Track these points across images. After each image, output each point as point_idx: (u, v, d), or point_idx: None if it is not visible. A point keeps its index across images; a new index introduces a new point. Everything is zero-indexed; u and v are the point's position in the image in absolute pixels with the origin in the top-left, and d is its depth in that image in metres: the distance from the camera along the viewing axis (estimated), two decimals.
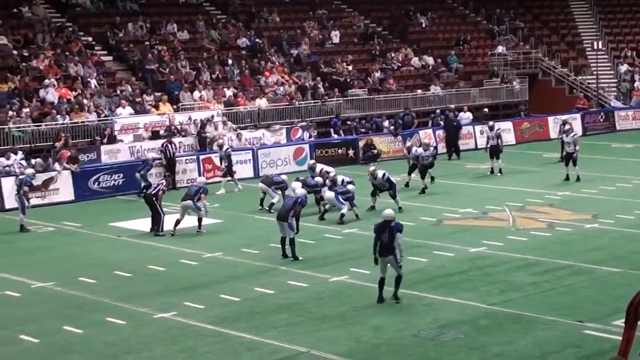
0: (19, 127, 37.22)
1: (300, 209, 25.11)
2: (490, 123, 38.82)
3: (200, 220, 28.23)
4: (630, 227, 27.48)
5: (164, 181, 30.69)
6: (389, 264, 20.15)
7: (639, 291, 13.77)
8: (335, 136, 43.66)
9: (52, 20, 46.20)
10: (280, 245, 24.64)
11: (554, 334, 18.12)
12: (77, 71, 42.16)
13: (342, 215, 28.98)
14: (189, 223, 28.28)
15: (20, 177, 30.18)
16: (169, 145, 36.94)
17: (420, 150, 34.30)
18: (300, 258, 24.30)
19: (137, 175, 34.98)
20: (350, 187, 29.96)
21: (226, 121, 41.65)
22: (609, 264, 23.25)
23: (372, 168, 31.39)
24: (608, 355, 12.70)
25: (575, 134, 36.98)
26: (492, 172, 37.23)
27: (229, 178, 35.71)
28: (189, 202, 28.10)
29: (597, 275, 22.48)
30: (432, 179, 33.85)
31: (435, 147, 38.95)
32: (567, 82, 55.30)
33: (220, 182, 35.69)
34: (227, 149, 36.48)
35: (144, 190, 32.25)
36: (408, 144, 38.15)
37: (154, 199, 28.51)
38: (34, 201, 32.17)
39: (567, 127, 38.37)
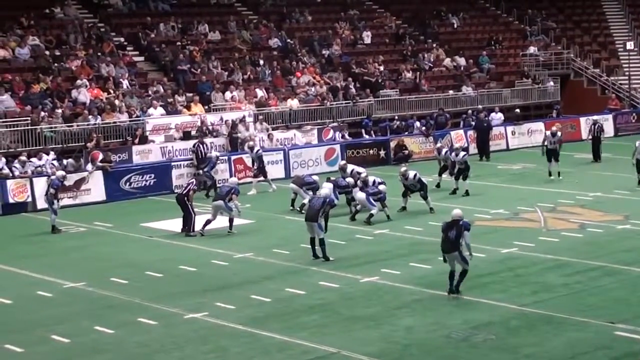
0: (51, 128, 37.39)
1: (329, 209, 25.13)
2: (554, 129, 37.66)
3: (231, 220, 28.28)
4: None
5: (194, 180, 30.75)
6: (455, 260, 20.54)
7: None
8: (367, 137, 43.64)
9: (84, 20, 46.39)
10: (310, 246, 24.67)
11: (585, 335, 18.06)
12: (109, 72, 42.33)
13: (371, 215, 28.95)
14: (220, 224, 28.33)
15: (52, 177, 30.35)
16: (201, 146, 37.04)
17: (452, 154, 34.17)
18: (331, 259, 24.30)
19: (200, 172, 35.21)
20: (381, 187, 29.94)
21: (262, 121, 41.77)
22: None
23: (403, 169, 31.35)
24: None
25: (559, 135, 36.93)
26: (550, 174, 36.41)
27: (261, 178, 35.76)
28: (221, 202, 28.16)
29: (628, 276, 22.37)
30: (467, 192, 33.33)
31: (467, 149, 38.86)
32: (599, 83, 55.06)
33: (251, 182, 35.75)
34: (258, 150, 36.52)
35: (209, 187, 33.65)
36: (438, 145, 38.12)
37: (185, 199, 28.58)
38: (65, 201, 32.41)
39: (554, 129, 37.71)
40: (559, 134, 36.67)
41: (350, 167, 32.31)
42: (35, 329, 19.52)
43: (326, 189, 26.91)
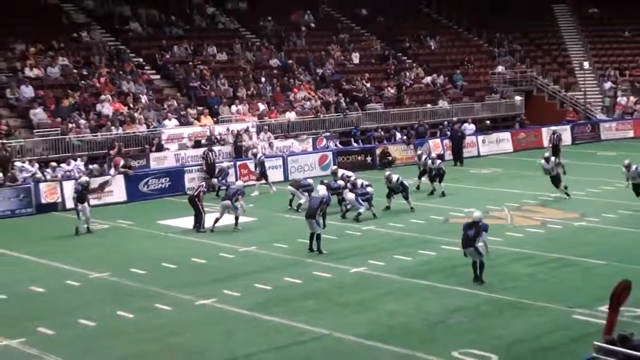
0: (78, 137, 37.36)
1: (326, 208, 25.13)
2: (546, 154, 33.41)
3: (237, 218, 28.24)
4: (613, 225, 27.35)
5: (204, 183, 30.69)
6: (471, 254, 20.75)
7: (621, 281, 13.79)
8: (355, 145, 43.61)
9: (107, 43, 46.34)
10: (308, 241, 24.65)
11: (547, 319, 18.07)
12: (129, 88, 42.27)
13: (359, 214, 28.93)
14: (227, 221, 28.30)
15: (79, 181, 30.25)
16: (210, 153, 37.00)
17: (429, 162, 34.13)
18: (324, 252, 24.29)
19: (215, 180, 34.94)
20: (369, 189, 29.90)
21: (266, 130, 41.75)
22: (595, 257, 23.14)
23: (387, 173, 31.35)
24: (595, 336, 12.64)
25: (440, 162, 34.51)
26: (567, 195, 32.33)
27: (263, 181, 35.71)
28: (228, 202, 28.13)
29: (584, 267, 22.39)
30: (443, 193, 33.28)
31: (442, 157, 38.83)
32: (558, 98, 55.05)
33: (254, 185, 35.70)
34: (261, 156, 36.48)
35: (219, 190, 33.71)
36: (419, 152, 38.10)
37: (196, 199, 28.55)
38: (91, 202, 32.29)
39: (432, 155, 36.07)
40: (553, 159, 32.81)
41: (340, 172, 32.26)
42: (64, 314, 19.51)
43: (323, 189, 26.89)
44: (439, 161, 34.34)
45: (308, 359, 16.44)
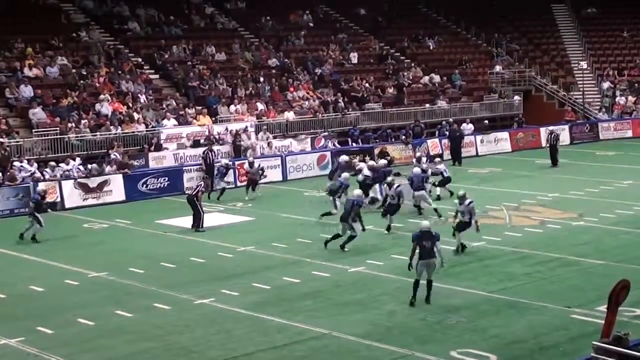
0: (78, 137, 37.34)
1: (358, 209, 24.86)
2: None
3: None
4: (612, 225, 27.36)
5: (202, 183, 30.68)
6: (426, 268, 19.42)
7: (620, 281, 13.80)
8: (354, 144, 43.61)
9: (106, 43, 46.32)
10: (329, 237, 24.72)
11: (545, 318, 18.10)
12: (128, 88, 42.27)
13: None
14: (226, 220, 28.30)
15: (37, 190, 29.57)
16: (209, 153, 36.97)
17: (430, 165, 33.58)
18: (346, 250, 24.29)
19: (216, 179, 34.77)
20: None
21: (265, 130, 41.76)
22: (593, 256, 23.19)
23: (390, 179, 30.54)
24: (594, 336, 12.66)
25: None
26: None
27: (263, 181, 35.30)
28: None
29: (582, 266, 22.42)
30: (451, 193, 32.80)
31: (441, 156, 38.74)
32: (556, 98, 55.07)
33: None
34: (258, 165, 35.37)
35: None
36: (418, 154, 37.87)
37: (195, 199, 28.56)
38: (90, 201, 32.43)
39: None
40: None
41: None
42: (64, 313, 19.53)
43: (357, 190, 26.64)
44: (442, 166, 33.39)
45: (307, 358, 16.44)
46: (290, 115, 44.07)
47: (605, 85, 55.91)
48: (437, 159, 34.26)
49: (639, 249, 24.13)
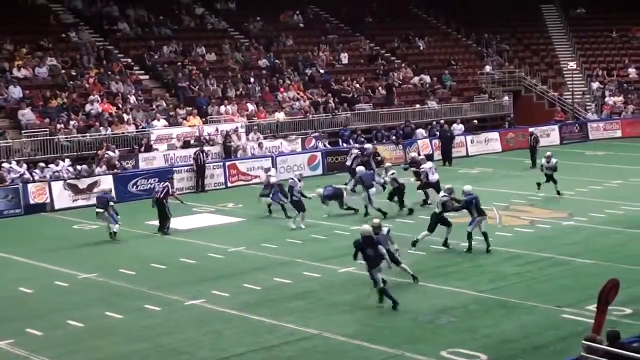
0: (67, 138, 37.24)
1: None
2: (548, 153, 33.42)
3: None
4: (601, 224, 27.41)
5: (168, 184, 29.49)
6: (375, 274, 19.19)
7: (609, 280, 13.80)
8: (344, 145, 43.58)
9: (96, 43, 46.22)
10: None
11: (535, 318, 18.11)
12: (118, 88, 42.19)
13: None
14: (216, 221, 28.25)
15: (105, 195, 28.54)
16: (201, 154, 36.95)
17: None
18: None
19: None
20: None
21: (256, 131, 41.73)
22: (583, 256, 23.22)
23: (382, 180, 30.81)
24: (583, 335, 12.65)
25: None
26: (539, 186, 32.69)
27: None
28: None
29: (573, 266, 22.45)
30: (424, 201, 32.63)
31: (431, 157, 38.67)
32: (546, 98, 55.16)
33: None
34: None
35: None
36: (412, 154, 37.39)
37: (164, 201, 28.22)
38: (80, 202, 32.35)
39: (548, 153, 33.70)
40: (553, 160, 32.68)
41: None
42: (53, 314, 19.48)
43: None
44: (430, 164, 32.83)
45: (297, 359, 16.41)
46: (280, 116, 44.05)
47: (595, 85, 56.03)
48: (422, 157, 34.05)
49: (629, 248, 24.17)
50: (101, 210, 27.75)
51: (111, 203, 27.88)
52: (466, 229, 24.24)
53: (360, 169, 31.07)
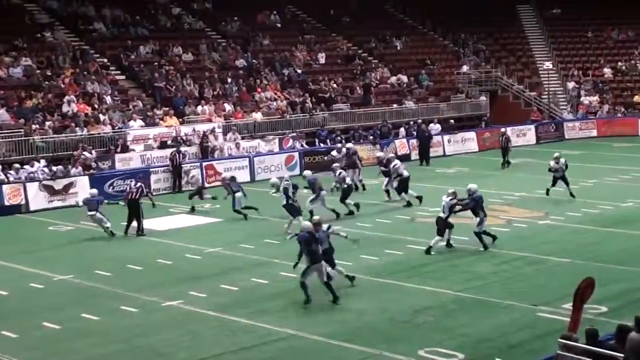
0: (43, 138, 37.09)
1: None
2: (556, 154, 32.55)
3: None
4: (577, 223, 27.58)
5: (141, 185, 29.64)
6: (317, 272, 19.63)
7: (585, 279, 13.89)
8: (321, 145, 43.59)
9: (72, 43, 46.03)
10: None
11: (512, 316, 18.19)
12: (94, 88, 42.03)
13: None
14: (193, 222, 28.17)
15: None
16: (177, 155, 36.87)
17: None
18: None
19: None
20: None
21: (234, 131, 41.67)
22: (559, 255, 23.34)
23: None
24: (560, 333, 12.72)
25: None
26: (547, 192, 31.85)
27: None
28: None
29: (548, 265, 22.55)
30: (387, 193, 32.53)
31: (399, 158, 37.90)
32: (522, 98, 55.39)
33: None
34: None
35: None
36: (379, 154, 36.91)
37: (139, 201, 28.14)
38: (55, 203, 32.18)
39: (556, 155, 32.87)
40: (562, 160, 31.90)
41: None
42: (29, 317, 19.36)
43: None
44: (396, 162, 32.51)
45: (275, 359, 16.39)
46: (258, 116, 44.01)
47: (570, 85, 56.31)
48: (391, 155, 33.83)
49: (604, 247, 24.31)
50: (92, 213, 27.71)
51: (103, 204, 28.13)
52: (473, 229, 24.43)
53: (307, 172, 30.83)
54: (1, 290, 21.70)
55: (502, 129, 43.54)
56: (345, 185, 30.41)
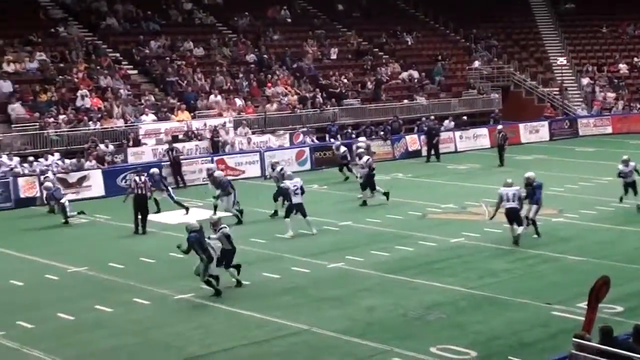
0: (56, 132, 37.27)
1: None
2: (625, 157, 28.93)
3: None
4: (591, 221, 27.48)
5: (147, 179, 29.58)
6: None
7: (600, 277, 13.84)
8: (332, 140, 43.56)
9: (85, 38, 46.16)
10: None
11: (525, 315, 18.14)
12: (107, 83, 42.15)
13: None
14: (204, 216, 28.14)
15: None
16: (171, 151, 36.79)
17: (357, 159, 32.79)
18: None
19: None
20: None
21: (244, 125, 41.72)
22: (573, 253, 23.27)
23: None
24: (573, 332, 12.71)
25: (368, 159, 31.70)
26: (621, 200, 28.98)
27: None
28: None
29: (563, 263, 22.49)
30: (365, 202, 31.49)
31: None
32: (535, 94, 55.26)
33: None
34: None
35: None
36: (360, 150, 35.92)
37: (147, 197, 28.01)
38: (70, 196, 32.27)
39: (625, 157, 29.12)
40: (631, 162, 28.64)
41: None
42: (43, 307, 19.49)
43: None
44: (366, 157, 31.76)
45: (286, 354, 16.42)
46: (272, 107, 44.01)
47: (585, 81, 56.11)
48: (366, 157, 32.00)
49: (619, 245, 24.21)
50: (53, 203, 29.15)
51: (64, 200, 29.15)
52: (528, 216, 24.87)
53: (219, 173, 30.59)
54: (17, 281, 21.85)
55: (499, 127, 43.03)
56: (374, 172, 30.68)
